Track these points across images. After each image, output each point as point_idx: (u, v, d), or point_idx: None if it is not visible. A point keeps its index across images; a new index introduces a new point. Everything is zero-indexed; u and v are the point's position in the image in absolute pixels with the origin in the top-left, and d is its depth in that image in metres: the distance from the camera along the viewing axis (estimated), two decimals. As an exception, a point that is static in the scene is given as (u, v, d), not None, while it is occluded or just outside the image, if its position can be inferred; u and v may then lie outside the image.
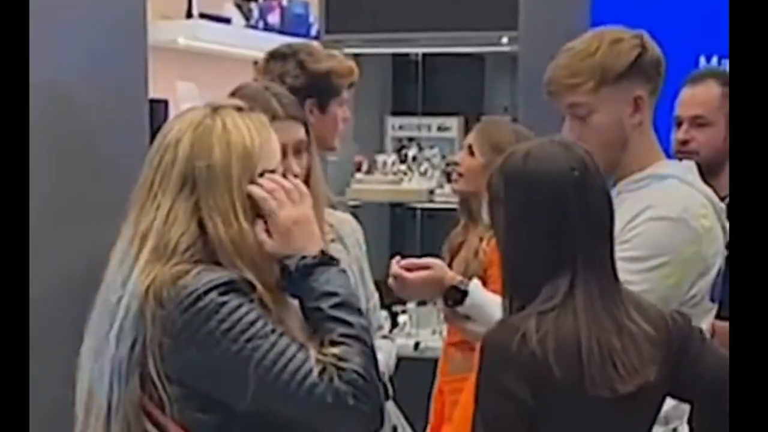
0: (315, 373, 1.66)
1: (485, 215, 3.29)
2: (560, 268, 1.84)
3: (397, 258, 2.26)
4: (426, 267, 2.22)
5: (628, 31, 2.29)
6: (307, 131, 2.29)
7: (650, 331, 1.85)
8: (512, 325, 1.82)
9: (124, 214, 1.80)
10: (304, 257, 1.76)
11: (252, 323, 1.69)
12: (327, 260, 1.77)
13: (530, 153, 1.90)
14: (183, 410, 1.72)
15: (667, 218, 2.15)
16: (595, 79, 2.20)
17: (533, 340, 1.77)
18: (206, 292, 1.69)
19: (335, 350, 1.69)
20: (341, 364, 1.67)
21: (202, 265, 1.73)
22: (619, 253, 1.96)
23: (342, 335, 1.71)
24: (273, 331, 1.70)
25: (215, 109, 1.82)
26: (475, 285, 2.22)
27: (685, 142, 2.87)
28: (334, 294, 1.74)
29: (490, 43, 4.46)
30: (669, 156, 2.43)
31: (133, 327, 1.71)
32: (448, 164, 4.51)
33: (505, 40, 4.34)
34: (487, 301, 2.18)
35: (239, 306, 1.70)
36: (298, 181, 1.86)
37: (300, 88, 2.54)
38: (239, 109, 1.84)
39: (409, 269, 2.21)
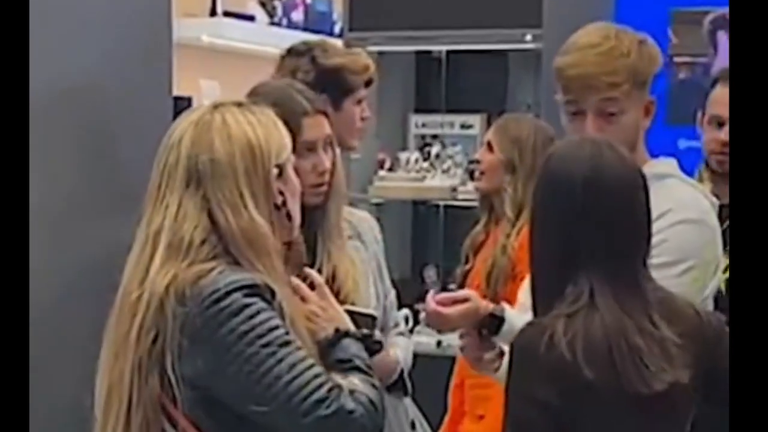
0: (324, 389, 1.69)
1: (509, 211, 3.30)
2: (580, 270, 1.84)
3: (431, 293, 2.24)
4: (463, 300, 2.18)
5: (637, 32, 2.27)
6: (331, 124, 2.29)
7: (672, 336, 1.83)
8: (540, 328, 1.82)
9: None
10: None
11: (271, 330, 1.70)
12: (343, 334, 1.85)
13: (555, 153, 1.90)
14: (194, 411, 1.72)
15: (691, 221, 2.13)
16: (630, 80, 2.17)
17: (562, 343, 1.77)
18: (229, 293, 1.69)
19: (351, 377, 1.74)
20: (354, 387, 1.72)
21: (224, 263, 1.73)
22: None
23: (357, 368, 1.77)
24: (290, 342, 1.71)
25: (215, 107, 1.83)
26: (509, 311, 2.20)
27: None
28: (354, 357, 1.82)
29: (513, 41, 4.45)
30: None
31: (153, 325, 1.72)
32: (470, 162, 4.50)
33: (529, 37, 4.33)
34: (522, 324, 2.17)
35: (261, 311, 1.71)
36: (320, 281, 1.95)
37: (311, 83, 2.52)
38: (239, 104, 1.85)
39: (444, 304, 2.18)
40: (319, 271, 2.24)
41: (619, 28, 2.25)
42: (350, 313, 2.22)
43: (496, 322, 2.17)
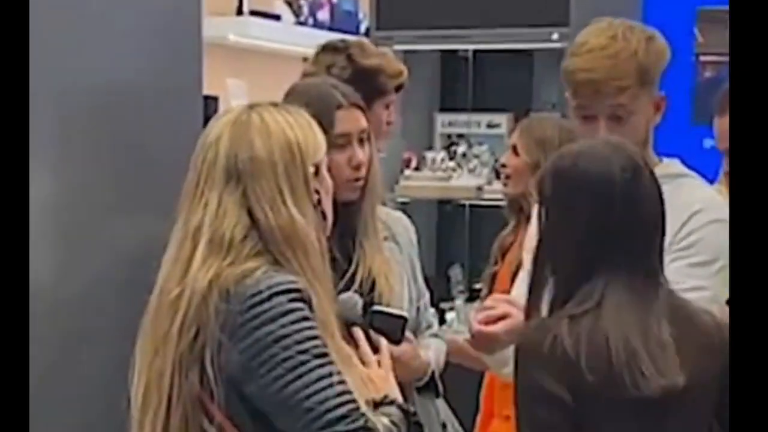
0: (347, 407, 1.69)
1: (506, 212, 3.29)
2: (597, 271, 1.83)
3: (472, 314, 2.22)
4: (504, 316, 2.13)
5: (644, 26, 2.25)
6: (367, 120, 2.29)
7: (675, 341, 1.82)
8: (544, 328, 1.81)
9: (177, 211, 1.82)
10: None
11: (310, 339, 1.71)
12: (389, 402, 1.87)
13: (581, 153, 1.89)
14: (230, 407, 1.73)
15: (721, 220, 2.12)
16: (638, 80, 2.16)
17: (566, 344, 1.76)
18: (274, 295, 1.70)
19: (380, 415, 1.76)
20: (380, 417, 1.74)
21: (266, 262, 1.74)
22: (685, 259, 1.94)
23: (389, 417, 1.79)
24: (326, 355, 1.71)
25: (251, 107, 1.85)
26: None
27: None
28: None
29: (540, 40, 4.44)
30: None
31: (194, 321, 1.72)
32: (496, 161, 4.49)
33: (555, 36, 4.32)
34: None
35: (303, 318, 1.71)
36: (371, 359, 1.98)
37: (346, 80, 2.53)
38: (275, 105, 1.86)
39: (487, 323, 2.14)
40: (355, 269, 2.24)
41: (627, 24, 2.22)
42: (382, 313, 2.22)
43: None
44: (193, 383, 1.73)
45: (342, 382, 1.71)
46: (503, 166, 3.44)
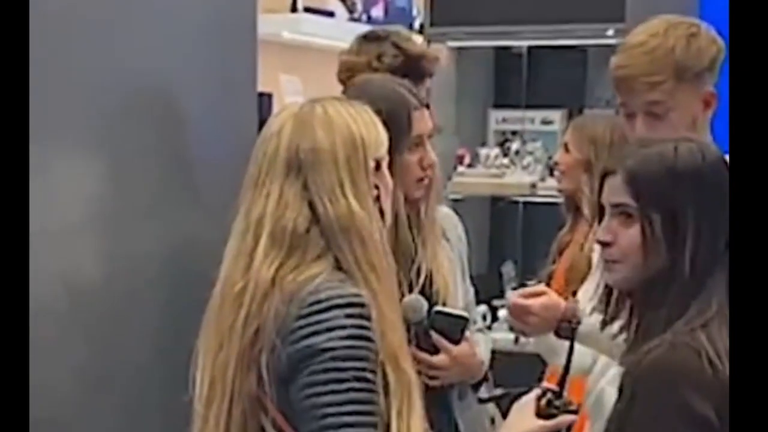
0: None
1: (586, 211, 3.28)
2: (710, 279, 1.74)
3: (509, 292, 2.24)
4: (540, 293, 2.18)
5: (696, 22, 2.23)
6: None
7: None
8: (684, 345, 1.69)
9: (233, 206, 1.83)
10: None
11: (355, 359, 1.68)
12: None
13: (711, 158, 1.78)
14: (282, 407, 1.73)
15: None
16: (674, 77, 2.15)
17: (711, 356, 1.67)
18: (333, 308, 1.69)
19: None
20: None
21: (329, 267, 1.72)
22: None
23: None
24: (368, 381, 1.68)
25: (314, 101, 1.84)
26: (585, 322, 2.17)
27: None
28: None
29: (595, 35, 4.41)
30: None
31: (256, 317, 1.72)
32: (550, 158, 4.48)
33: (610, 32, 4.29)
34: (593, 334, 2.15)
35: (356, 337, 1.68)
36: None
37: (397, 68, 2.56)
38: (338, 99, 1.87)
39: (524, 297, 2.18)
40: (418, 267, 2.25)
41: (675, 20, 2.22)
42: (443, 314, 2.22)
43: (570, 327, 2.16)
44: (252, 380, 1.72)
45: (371, 413, 1.68)
46: (556, 163, 3.45)
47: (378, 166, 1.82)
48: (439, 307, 2.24)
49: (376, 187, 1.81)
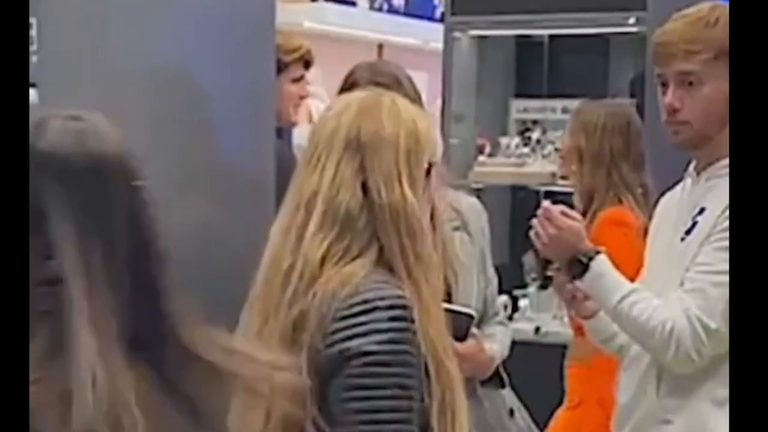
0: None
1: (576, 201, 3.26)
2: None
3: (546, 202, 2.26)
4: (574, 218, 2.22)
5: None
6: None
7: None
8: None
9: (252, 201, 1.82)
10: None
11: (396, 365, 1.65)
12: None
13: None
14: (319, 400, 1.69)
15: None
16: (712, 50, 2.15)
17: None
18: (376, 309, 1.65)
19: None
20: None
21: (377, 262, 1.69)
22: (721, 242, 1.91)
23: None
24: (407, 387, 1.65)
25: (379, 92, 1.81)
26: (600, 260, 2.17)
27: None
28: None
29: (616, 24, 4.38)
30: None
31: (302, 296, 1.67)
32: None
33: (632, 20, 4.26)
34: (605, 281, 2.15)
35: (398, 341, 1.65)
36: None
37: None
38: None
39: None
40: None
41: (722, 5, 2.22)
42: (449, 311, 2.21)
43: (581, 266, 2.16)
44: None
45: (407, 421, 1.65)
46: (557, 150, 3.45)
47: (428, 171, 1.78)
48: (444, 305, 2.22)
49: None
